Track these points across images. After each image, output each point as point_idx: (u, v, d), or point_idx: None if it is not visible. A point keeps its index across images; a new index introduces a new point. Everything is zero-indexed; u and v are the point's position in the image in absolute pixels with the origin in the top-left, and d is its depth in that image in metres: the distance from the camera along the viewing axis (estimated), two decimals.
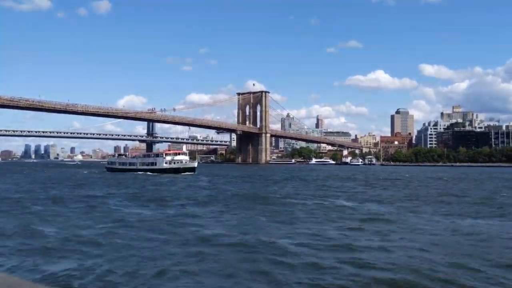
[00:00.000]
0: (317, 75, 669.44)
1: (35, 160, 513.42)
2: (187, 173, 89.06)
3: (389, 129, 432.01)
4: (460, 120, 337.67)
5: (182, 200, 35.13)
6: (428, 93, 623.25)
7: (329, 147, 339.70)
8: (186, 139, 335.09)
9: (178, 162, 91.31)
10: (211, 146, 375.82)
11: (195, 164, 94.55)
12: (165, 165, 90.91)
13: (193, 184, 56.43)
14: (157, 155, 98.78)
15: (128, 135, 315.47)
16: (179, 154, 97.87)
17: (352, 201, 34.89)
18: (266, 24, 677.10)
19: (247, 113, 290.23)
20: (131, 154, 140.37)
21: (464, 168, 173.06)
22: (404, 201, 34.54)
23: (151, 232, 19.18)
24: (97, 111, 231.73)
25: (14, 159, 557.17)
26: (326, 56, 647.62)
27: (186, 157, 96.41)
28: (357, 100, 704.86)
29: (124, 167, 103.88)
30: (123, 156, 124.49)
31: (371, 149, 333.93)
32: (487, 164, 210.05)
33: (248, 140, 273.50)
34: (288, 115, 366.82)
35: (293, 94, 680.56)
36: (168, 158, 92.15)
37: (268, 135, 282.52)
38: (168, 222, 22.52)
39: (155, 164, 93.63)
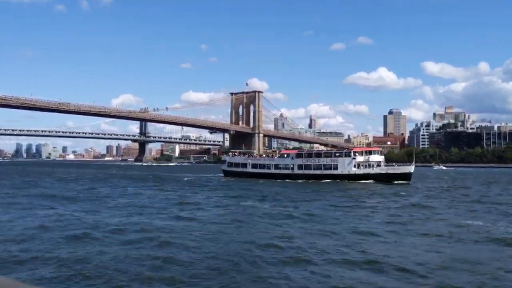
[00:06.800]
0: (319, 74, 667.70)
1: (28, 159, 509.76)
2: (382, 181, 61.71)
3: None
4: (452, 121, 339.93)
5: None
6: (428, 93, 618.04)
7: (322, 147, 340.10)
8: (179, 139, 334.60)
9: (372, 166, 65.00)
10: (204, 146, 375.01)
11: (412, 169, 65.14)
12: (354, 170, 65.28)
13: None
14: (338, 154, 69.26)
15: (121, 135, 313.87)
16: (372, 152, 67.77)
17: None
18: (268, 22, 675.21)
19: (241, 113, 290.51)
20: (256, 152, 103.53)
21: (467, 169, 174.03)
22: None
23: None
24: (90, 110, 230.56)
25: (6, 158, 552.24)
26: (328, 55, 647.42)
27: (382, 157, 68.13)
28: (359, 100, 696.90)
29: (267, 171, 75.48)
30: (254, 156, 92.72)
31: None
32: (479, 165, 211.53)
33: (241, 140, 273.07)
34: (281, 115, 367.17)
35: (295, 93, 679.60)
36: (360, 158, 65.54)
37: (261, 135, 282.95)
38: None
39: (335, 168, 66.98)
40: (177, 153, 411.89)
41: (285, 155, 78.33)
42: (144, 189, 53.79)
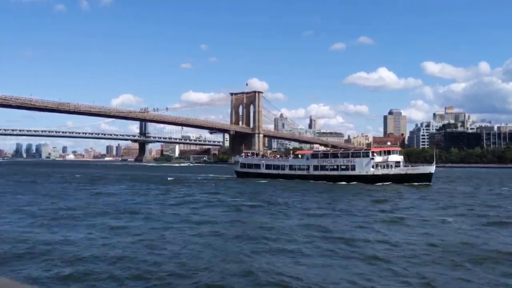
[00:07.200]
0: (319, 74, 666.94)
1: (28, 159, 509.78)
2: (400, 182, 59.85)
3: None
4: (452, 121, 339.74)
5: None
6: (428, 93, 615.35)
7: (322, 148, 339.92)
8: (179, 139, 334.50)
9: (391, 166, 62.69)
10: (204, 146, 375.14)
11: (433, 169, 62.70)
12: (372, 170, 62.88)
13: None
14: (355, 154, 67.25)
15: (121, 135, 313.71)
16: (390, 152, 64.80)
17: None
18: (268, 22, 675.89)
19: (241, 113, 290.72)
20: (270, 154, 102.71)
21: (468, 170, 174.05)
22: None
23: None
24: (89, 110, 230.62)
25: (6, 158, 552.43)
26: (328, 55, 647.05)
27: (401, 157, 65.53)
28: (359, 100, 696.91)
29: (281, 172, 73.87)
30: (267, 157, 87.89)
31: None
32: (479, 165, 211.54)
33: (241, 140, 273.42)
34: (281, 115, 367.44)
35: (295, 93, 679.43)
36: (379, 158, 63.21)
37: (261, 135, 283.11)
38: None
39: (353, 169, 64.75)
40: (177, 153, 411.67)
41: (300, 156, 76.65)
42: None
